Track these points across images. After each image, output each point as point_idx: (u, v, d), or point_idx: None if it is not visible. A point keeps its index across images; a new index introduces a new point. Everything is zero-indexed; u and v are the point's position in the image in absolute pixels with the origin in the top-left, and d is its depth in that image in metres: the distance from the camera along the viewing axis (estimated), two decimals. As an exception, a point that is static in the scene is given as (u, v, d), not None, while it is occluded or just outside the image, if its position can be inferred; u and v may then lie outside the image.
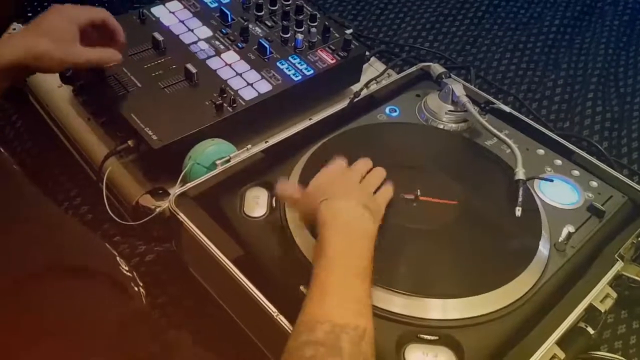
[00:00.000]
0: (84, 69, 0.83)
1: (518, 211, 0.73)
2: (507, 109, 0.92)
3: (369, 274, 0.60)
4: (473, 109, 0.87)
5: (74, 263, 0.45)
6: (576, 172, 0.85)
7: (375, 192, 0.72)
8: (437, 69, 0.96)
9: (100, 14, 0.81)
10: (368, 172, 0.74)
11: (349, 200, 0.65)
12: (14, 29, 1.01)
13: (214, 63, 0.93)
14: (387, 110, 0.92)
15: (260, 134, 0.91)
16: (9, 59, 0.71)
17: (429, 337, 0.64)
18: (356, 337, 0.53)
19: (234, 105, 0.86)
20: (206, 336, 0.74)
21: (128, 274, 0.63)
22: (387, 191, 0.73)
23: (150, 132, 0.81)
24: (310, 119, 0.89)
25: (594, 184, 0.83)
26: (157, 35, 0.93)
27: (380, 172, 0.75)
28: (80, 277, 0.45)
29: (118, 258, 0.64)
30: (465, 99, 0.88)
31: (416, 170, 0.79)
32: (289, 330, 0.61)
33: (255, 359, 0.71)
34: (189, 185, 0.76)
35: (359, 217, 0.64)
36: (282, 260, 0.70)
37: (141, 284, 0.66)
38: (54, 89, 0.96)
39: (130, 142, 0.83)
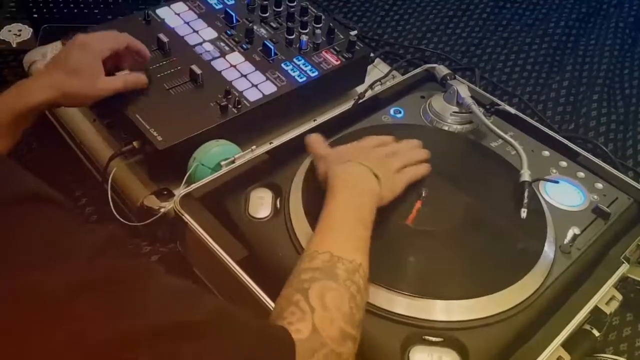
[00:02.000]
0: None
1: (523, 213, 0.73)
2: (512, 110, 0.92)
3: (370, 225, 0.64)
4: (478, 111, 0.87)
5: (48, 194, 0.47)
6: (581, 174, 0.85)
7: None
8: (441, 70, 0.96)
9: (122, 42, 0.83)
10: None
11: (360, 165, 0.69)
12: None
13: (218, 64, 0.93)
14: (391, 112, 0.92)
15: (264, 135, 0.91)
16: (41, 99, 0.75)
17: (434, 339, 0.64)
18: (351, 268, 0.58)
19: (239, 106, 0.86)
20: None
21: None
22: (416, 169, 0.76)
23: (155, 133, 0.81)
24: (314, 120, 0.88)
25: (600, 185, 0.83)
26: (162, 36, 0.93)
27: (414, 154, 0.78)
28: (60, 206, 0.46)
29: None
30: (470, 101, 0.88)
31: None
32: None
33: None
34: (194, 186, 0.76)
35: (366, 178, 0.68)
36: (286, 261, 0.70)
37: None
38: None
39: (135, 143, 0.83)
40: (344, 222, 0.63)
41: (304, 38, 0.96)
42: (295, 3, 1.04)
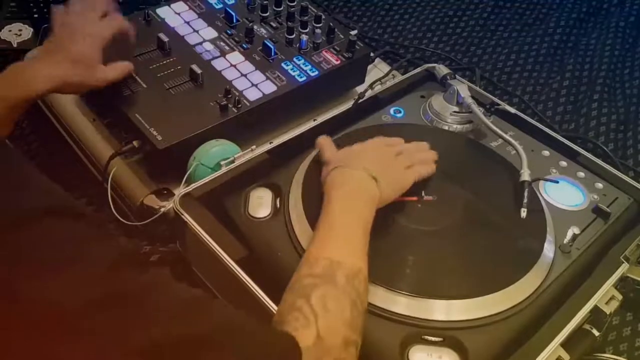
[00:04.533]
0: None
1: (523, 212, 0.73)
2: (512, 110, 0.92)
3: (368, 230, 0.64)
4: (478, 110, 0.87)
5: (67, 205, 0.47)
6: (581, 174, 0.85)
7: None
8: (442, 70, 0.96)
9: (119, 27, 0.82)
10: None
11: (358, 169, 0.69)
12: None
13: (219, 64, 0.93)
14: (391, 111, 0.92)
15: (264, 134, 0.91)
16: (45, 88, 0.74)
17: (433, 339, 0.64)
18: (351, 274, 0.58)
19: (239, 106, 0.87)
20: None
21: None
22: (424, 167, 0.76)
23: (155, 133, 0.81)
24: (314, 120, 0.88)
25: (600, 185, 0.83)
26: (162, 36, 0.93)
27: (425, 155, 0.79)
28: (76, 218, 0.47)
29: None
30: (470, 100, 0.88)
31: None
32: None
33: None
34: (194, 185, 0.76)
35: (364, 182, 0.68)
36: (286, 260, 0.70)
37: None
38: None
39: (135, 143, 0.84)
40: (343, 226, 0.63)
41: (304, 38, 0.96)
42: (295, 2, 1.04)
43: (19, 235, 0.43)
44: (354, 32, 0.99)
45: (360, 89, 0.99)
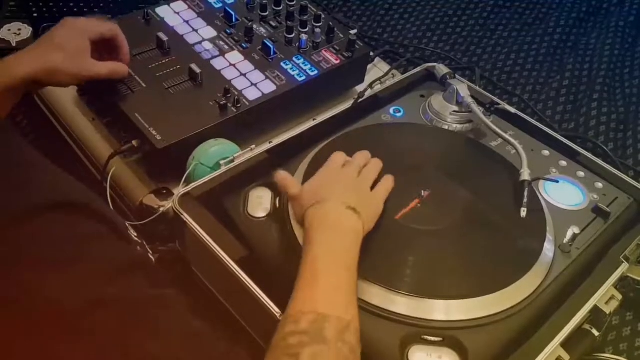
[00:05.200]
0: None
1: (523, 212, 0.73)
2: (512, 109, 0.92)
3: (355, 269, 0.60)
4: (478, 110, 0.86)
5: (75, 200, 0.47)
6: (581, 174, 0.85)
7: (374, 186, 0.72)
8: (441, 69, 0.96)
9: (111, 31, 0.83)
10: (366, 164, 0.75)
11: (336, 202, 0.65)
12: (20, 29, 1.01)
13: (218, 63, 0.93)
14: (391, 111, 0.92)
15: (264, 134, 0.91)
16: (23, 74, 0.73)
17: (433, 339, 0.64)
18: (340, 327, 0.53)
19: (238, 105, 0.86)
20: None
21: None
22: (386, 183, 0.74)
23: (154, 132, 0.81)
24: (314, 120, 0.88)
25: (599, 185, 0.83)
26: (161, 35, 0.93)
27: (377, 164, 0.75)
28: (81, 214, 0.47)
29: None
30: (470, 100, 0.87)
31: (420, 171, 0.79)
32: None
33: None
34: (193, 185, 0.76)
35: (344, 215, 0.64)
36: (285, 260, 0.70)
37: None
38: (58, 88, 0.96)
39: (134, 142, 0.83)
40: (327, 273, 0.58)
41: (304, 37, 0.96)
42: (295, 2, 1.04)
43: (20, 231, 0.42)
44: (353, 32, 0.99)
45: (360, 88, 0.99)
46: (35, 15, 1.16)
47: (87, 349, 0.41)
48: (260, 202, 0.76)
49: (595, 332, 0.69)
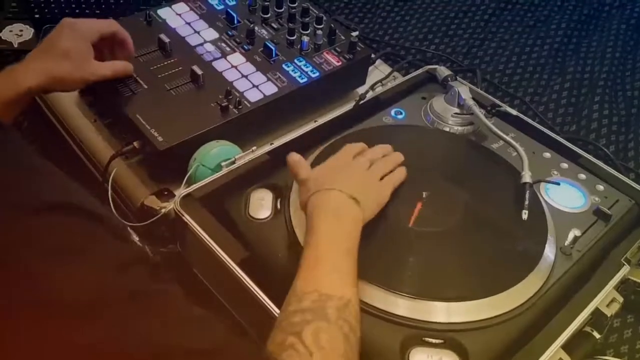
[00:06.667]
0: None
1: (524, 214, 0.73)
2: (513, 112, 0.92)
3: (355, 254, 0.62)
4: (479, 112, 0.87)
5: (75, 201, 0.48)
6: (582, 176, 0.85)
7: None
8: (443, 71, 0.96)
9: (110, 27, 0.83)
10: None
11: (339, 191, 0.66)
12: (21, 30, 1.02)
13: (219, 65, 0.93)
14: (392, 113, 0.92)
15: (265, 135, 0.91)
16: (31, 84, 0.73)
17: (433, 341, 0.64)
18: (341, 305, 0.56)
19: (240, 107, 0.86)
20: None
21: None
22: (396, 175, 0.75)
23: (155, 134, 0.81)
24: (315, 121, 0.89)
25: (601, 187, 0.83)
26: (163, 37, 0.93)
27: (394, 157, 0.77)
28: (81, 215, 0.48)
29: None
30: (471, 102, 0.88)
31: (422, 173, 0.79)
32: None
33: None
34: (194, 186, 0.76)
35: (345, 204, 0.65)
36: (286, 262, 0.70)
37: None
38: (60, 90, 0.96)
39: (135, 144, 0.83)
40: (329, 256, 0.61)
41: (305, 39, 0.96)
42: (296, 4, 1.04)
43: (20, 231, 0.43)
44: (355, 34, 0.99)
45: (361, 90, 0.99)
46: (37, 16, 1.16)
47: (92, 336, 0.41)
48: (261, 204, 0.76)
49: (597, 335, 0.69)
